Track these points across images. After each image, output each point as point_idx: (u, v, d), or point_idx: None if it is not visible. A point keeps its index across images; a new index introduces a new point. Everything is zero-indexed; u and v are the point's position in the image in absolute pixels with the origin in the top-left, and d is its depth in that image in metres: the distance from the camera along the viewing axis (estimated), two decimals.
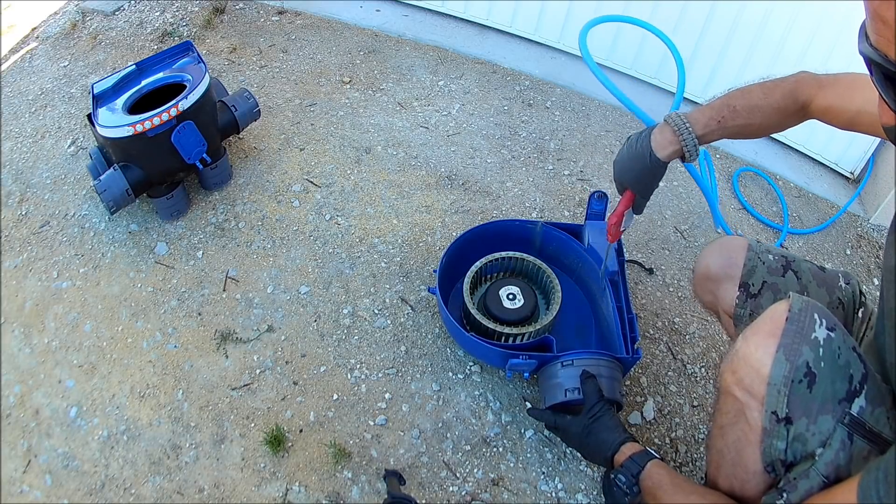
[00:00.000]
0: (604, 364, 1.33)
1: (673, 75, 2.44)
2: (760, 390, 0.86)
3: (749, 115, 1.15)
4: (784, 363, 0.84)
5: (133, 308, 1.65)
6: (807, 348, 0.84)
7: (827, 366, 0.83)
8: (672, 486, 1.07)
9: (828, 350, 0.84)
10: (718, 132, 1.16)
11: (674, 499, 1.04)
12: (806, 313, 0.86)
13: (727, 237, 1.29)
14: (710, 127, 1.15)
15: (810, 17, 2.07)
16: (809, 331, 0.85)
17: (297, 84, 2.33)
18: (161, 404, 1.48)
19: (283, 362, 1.56)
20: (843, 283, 1.18)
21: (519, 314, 1.50)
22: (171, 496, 1.35)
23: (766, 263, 1.19)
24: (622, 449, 1.19)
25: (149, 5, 2.62)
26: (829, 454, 0.82)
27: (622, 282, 1.50)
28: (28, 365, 1.55)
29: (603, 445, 1.22)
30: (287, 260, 1.77)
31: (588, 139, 2.25)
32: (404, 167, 2.05)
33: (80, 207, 1.86)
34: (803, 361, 0.83)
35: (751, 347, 0.88)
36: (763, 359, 0.86)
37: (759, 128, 1.18)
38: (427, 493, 1.37)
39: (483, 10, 2.62)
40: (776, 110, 1.15)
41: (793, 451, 0.85)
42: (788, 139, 2.36)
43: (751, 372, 0.87)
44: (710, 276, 1.26)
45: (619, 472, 1.15)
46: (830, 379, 0.83)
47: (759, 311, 1.18)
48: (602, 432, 1.23)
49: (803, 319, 0.86)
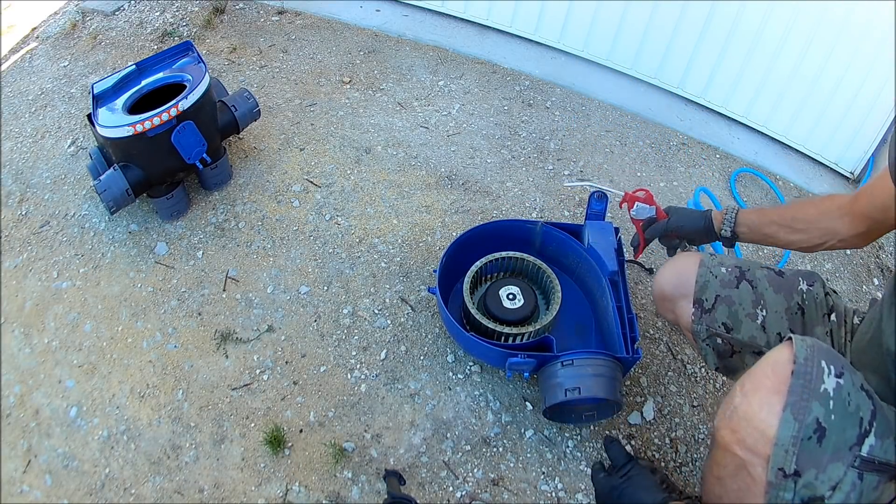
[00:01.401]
0: (603, 364, 1.33)
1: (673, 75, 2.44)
2: (765, 450, 0.80)
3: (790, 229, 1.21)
4: (792, 423, 0.78)
5: (133, 308, 1.65)
6: (816, 403, 0.78)
7: (837, 417, 0.79)
8: None
9: (838, 400, 0.79)
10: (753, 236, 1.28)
11: None
12: (812, 362, 0.81)
13: (680, 255, 1.32)
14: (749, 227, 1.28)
15: (810, 18, 2.07)
16: (818, 383, 0.79)
17: (297, 84, 2.33)
18: (161, 404, 1.48)
19: (283, 362, 1.56)
20: (803, 286, 1.19)
21: (519, 314, 1.50)
22: (171, 496, 1.35)
23: (718, 277, 1.21)
24: None
25: (149, 5, 2.62)
26: (839, 496, 0.78)
27: (622, 282, 1.50)
28: (28, 365, 1.55)
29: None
30: (287, 260, 1.77)
31: (588, 139, 2.25)
32: (404, 167, 2.05)
33: (80, 207, 1.86)
34: (813, 419, 0.78)
35: (753, 407, 0.82)
36: (768, 419, 0.80)
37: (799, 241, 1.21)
38: (427, 493, 1.37)
39: (483, 10, 2.62)
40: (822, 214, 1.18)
41: (800, 497, 0.80)
42: (788, 139, 2.36)
43: (754, 433, 0.82)
44: (665, 297, 1.29)
45: None
46: (841, 429, 0.79)
47: (714, 325, 1.20)
48: (638, 492, 1.09)
49: (810, 371, 0.80)
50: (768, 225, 1.25)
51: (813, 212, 1.17)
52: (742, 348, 1.19)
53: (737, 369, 1.22)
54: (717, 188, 2.17)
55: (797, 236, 1.19)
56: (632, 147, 2.25)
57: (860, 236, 1.12)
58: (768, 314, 1.18)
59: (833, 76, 2.13)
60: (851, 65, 2.08)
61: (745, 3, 2.14)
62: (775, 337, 1.17)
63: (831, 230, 1.14)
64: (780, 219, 1.22)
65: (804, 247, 1.20)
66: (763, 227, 1.26)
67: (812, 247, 1.19)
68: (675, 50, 2.36)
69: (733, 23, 2.20)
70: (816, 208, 1.17)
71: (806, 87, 2.21)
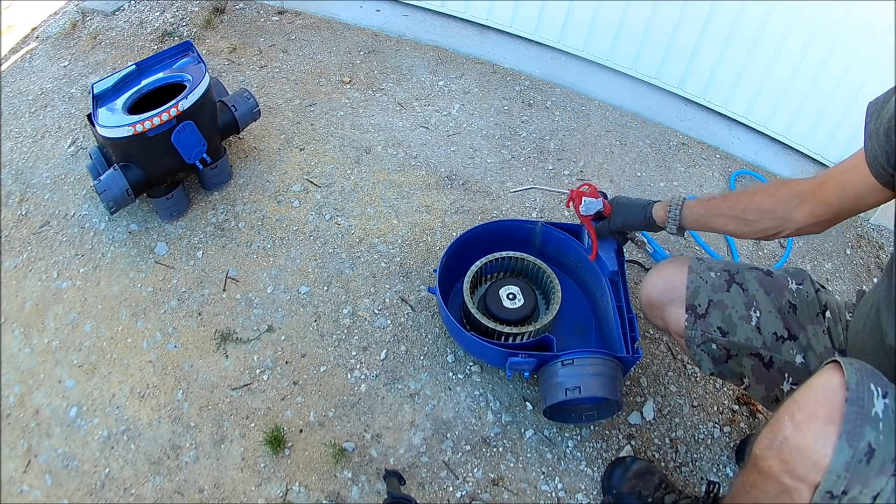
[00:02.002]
0: (603, 363, 1.33)
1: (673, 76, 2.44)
2: (816, 478, 0.80)
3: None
4: (847, 450, 0.78)
5: (133, 308, 1.65)
6: (868, 428, 0.78)
7: (885, 437, 0.78)
8: None
9: (887, 422, 0.79)
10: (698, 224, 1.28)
11: None
12: (863, 386, 0.80)
13: (667, 261, 1.31)
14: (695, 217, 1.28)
15: (810, 18, 2.07)
16: (869, 407, 0.78)
17: (297, 84, 2.33)
18: (161, 404, 1.48)
19: (283, 362, 1.56)
20: (793, 285, 1.18)
21: (519, 314, 1.50)
22: (171, 496, 1.35)
23: (708, 282, 1.20)
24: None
25: (149, 5, 2.62)
26: (880, 502, 0.79)
27: (622, 282, 1.50)
28: (28, 365, 1.55)
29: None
30: (287, 260, 1.77)
31: (588, 139, 2.25)
32: (404, 167, 2.05)
33: (80, 207, 1.86)
34: (866, 443, 0.78)
35: (808, 439, 0.80)
36: (823, 450, 0.79)
37: None
38: (427, 493, 1.37)
39: (483, 10, 2.62)
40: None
41: None
42: (788, 139, 2.36)
43: (806, 462, 0.80)
44: (653, 303, 1.29)
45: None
46: (887, 446, 0.78)
47: (710, 330, 1.19)
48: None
49: (862, 396, 0.79)
50: (717, 217, 1.21)
51: (767, 201, 1.13)
52: (739, 351, 1.19)
53: (733, 373, 1.22)
54: (717, 188, 2.17)
55: (749, 228, 1.16)
56: (632, 147, 2.25)
57: (820, 223, 1.09)
58: (762, 315, 1.18)
59: (833, 76, 2.13)
60: (851, 65, 2.08)
61: (745, 3, 2.14)
62: (771, 337, 1.16)
63: (787, 218, 1.10)
64: (730, 210, 1.18)
65: (756, 237, 1.18)
66: (712, 219, 1.23)
67: (764, 237, 1.16)
68: (675, 50, 2.36)
69: (733, 23, 2.20)
70: (771, 197, 1.13)
71: (806, 87, 2.21)
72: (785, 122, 2.33)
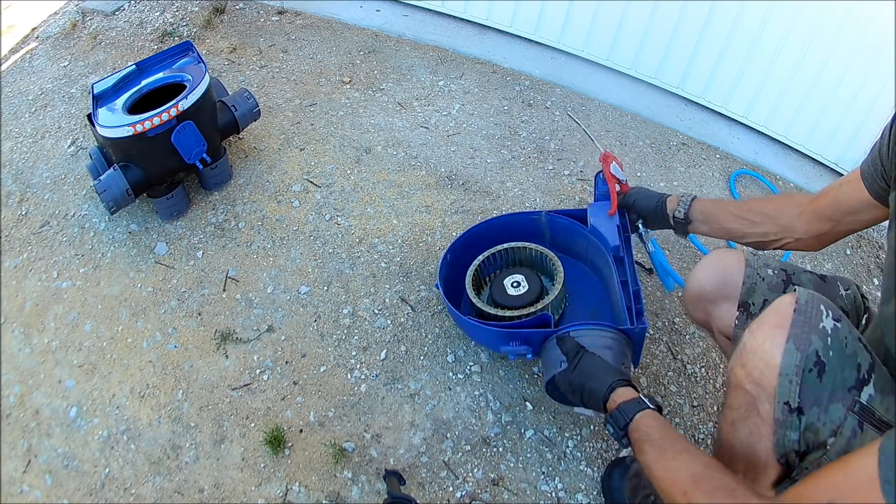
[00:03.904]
0: (603, 335, 1.28)
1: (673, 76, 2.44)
2: (771, 382, 0.86)
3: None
4: (795, 352, 0.84)
5: (133, 308, 1.65)
6: (815, 337, 0.84)
7: (835, 355, 0.84)
8: (661, 441, 0.95)
9: (835, 339, 0.85)
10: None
11: (660, 457, 0.92)
12: (812, 304, 0.87)
13: (721, 251, 1.23)
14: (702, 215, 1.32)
15: (810, 18, 2.07)
16: (817, 321, 0.85)
17: (297, 84, 2.33)
18: (161, 404, 1.48)
19: (283, 362, 1.56)
20: (842, 291, 1.16)
21: (523, 300, 1.48)
22: (171, 496, 1.35)
23: (765, 280, 1.14)
24: (612, 396, 1.08)
25: (149, 5, 2.62)
26: (840, 442, 0.82)
27: (627, 256, 1.48)
28: (28, 365, 1.55)
29: (594, 395, 1.11)
30: (287, 260, 1.77)
31: (588, 139, 2.25)
32: (404, 167, 2.05)
33: (80, 207, 1.86)
34: (813, 350, 0.84)
35: (758, 340, 0.88)
36: (772, 350, 0.86)
37: None
38: (427, 493, 1.37)
39: (483, 10, 2.62)
40: None
41: (805, 441, 0.85)
42: (788, 139, 2.36)
43: (760, 364, 0.87)
44: (704, 296, 1.21)
45: (608, 420, 1.06)
46: (839, 367, 0.84)
47: None
48: (588, 382, 1.13)
49: (810, 310, 0.86)
50: (724, 214, 1.26)
51: (770, 207, 1.20)
52: None
53: None
54: (717, 188, 2.17)
55: (753, 229, 1.21)
56: (632, 147, 2.25)
57: (818, 238, 1.14)
58: None
59: (833, 76, 2.13)
60: (851, 65, 2.08)
61: (745, 3, 2.14)
62: None
63: (787, 227, 1.16)
64: (736, 210, 1.24)
65: (759, 241, 1.21)
66: (718, 215, 1.27)
67: (767, 242, 1.20)
68: (674, 50, 2.36)
69: (733, 23, 2.20)
70: (774, 204, 1.20)
71: (806, 87, 2.21)
72: (785, 122, 2.34)
